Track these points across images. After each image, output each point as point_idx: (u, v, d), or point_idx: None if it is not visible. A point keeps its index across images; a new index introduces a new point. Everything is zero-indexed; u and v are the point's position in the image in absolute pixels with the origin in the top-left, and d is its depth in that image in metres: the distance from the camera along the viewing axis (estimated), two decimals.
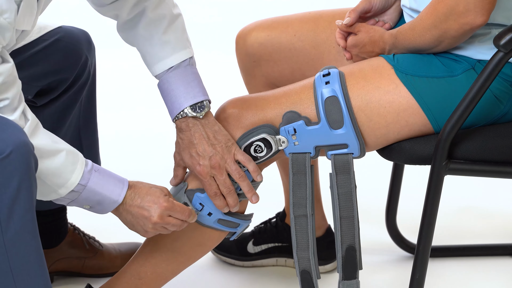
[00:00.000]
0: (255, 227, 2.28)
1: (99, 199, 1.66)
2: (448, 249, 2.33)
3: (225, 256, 2.27)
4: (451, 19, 1.68)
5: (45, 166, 1.58)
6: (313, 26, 1.99)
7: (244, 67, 2.07)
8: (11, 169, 1.47)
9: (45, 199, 1.64)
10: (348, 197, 1.75)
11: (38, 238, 1.54)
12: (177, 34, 1.79)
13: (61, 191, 1.62)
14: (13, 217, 1.48)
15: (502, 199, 2.66)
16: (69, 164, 1.62)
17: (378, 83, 1.75)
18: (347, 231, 1.75)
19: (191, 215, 1.71)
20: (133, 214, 1.69)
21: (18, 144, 1.48)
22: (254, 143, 1.74)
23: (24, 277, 1.51)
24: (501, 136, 1.76)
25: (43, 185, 1.60)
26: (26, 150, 1.49)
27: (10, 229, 1.48)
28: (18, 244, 1.49)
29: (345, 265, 1.77)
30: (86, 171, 1.64)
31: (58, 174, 1.60)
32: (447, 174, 1.75)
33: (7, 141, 1.47)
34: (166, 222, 1.69)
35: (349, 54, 1.87)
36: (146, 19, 1.78)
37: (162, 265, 1.81)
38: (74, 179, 1.62)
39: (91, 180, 1.65)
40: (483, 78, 1.68)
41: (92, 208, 1.68)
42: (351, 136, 1.73)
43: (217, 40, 4.02)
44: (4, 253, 1.48)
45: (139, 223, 1.70)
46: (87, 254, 2.17)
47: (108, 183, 1.67)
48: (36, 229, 1.53)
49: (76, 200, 1.65)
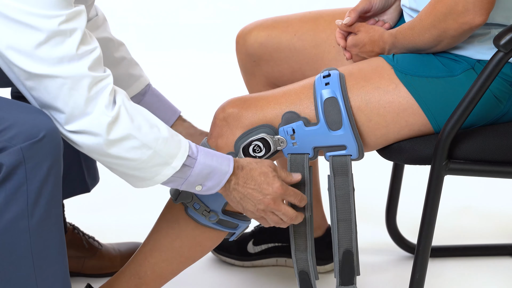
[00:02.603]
0: (255, 227, 2.28)
1: (209, 172, 1.63)
2: (448, 249, 2.33)
3: (225, 256, 2.27)
4: (450, 19, 1.68)
5: (156, 135, 1.57)
6: (313, 25, 1.99)
7: (244, 67, 2.07)
8: (42, 153, 1.48)
9: (162, 181, 1.61)
10: (346, 199, 1.74)
11: (62, 225, 1.55)
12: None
13: (175, 163, 1.59)
14: (40, 202, 1.49)
15: (502, 199, 2.66)
16: (174, 134, 1.61)
17: (378, 83, 1.74)
18: (344, 234, 1.75)
19: (303, 200, 1.71)
20: (244, 194, 1.67)
21: (50, 129, 1.49)
22: (252, 143, 1.73)
23: (43, 263, 1.52)
24: (501, 136, 1.76)
25: (159, 159, 1.58)
26: (57, 136, 1.50)
27: (36, 213, 1.49)
28: (41, 230, 1.50)
29: (342, 270, 1.76)
30: (193, 145, 1.63)
31: (169, 143, 1.58)
32: (447, 174, 1.75)
33: (40, 126, 1.49)
34: (278, 209, 1.68)
35: (349, 54, 1.87)
36: None
37: (162, 265, 1.81)
38: (184, 149, 1.61)
39: (200, 153, 1.63)
40: (483, 78, 1.68)
41: (204, 186, 1.65)
42: (349, 137, 1.72)
43: (217, 40, 4.02)
44: (27, 238, 1.49)
45: (248, 203, 1.68)
46: (86, 253, 2.17)
47: (215, 155, 1.65)
48: (61, 216, 1.54)
49: (188, 179, 1.63)
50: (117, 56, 1.94)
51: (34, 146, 1.47)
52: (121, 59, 1.95)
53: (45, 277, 1.53)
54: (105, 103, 1.52)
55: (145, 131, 1.56)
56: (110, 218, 2.49)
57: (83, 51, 1.50)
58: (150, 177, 1.60)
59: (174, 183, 1.63)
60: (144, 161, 1.57)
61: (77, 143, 1.54)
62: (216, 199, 1.76)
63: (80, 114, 1.51)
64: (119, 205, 2.58)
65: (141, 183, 1.62)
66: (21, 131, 1.48)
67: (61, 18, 1.47)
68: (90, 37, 1.53)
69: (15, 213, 1.49)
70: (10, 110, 1.51)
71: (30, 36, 1.46)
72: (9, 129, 1.48)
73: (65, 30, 1.48)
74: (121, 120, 1.53)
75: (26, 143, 1.47)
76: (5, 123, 1.48)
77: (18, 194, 1.48)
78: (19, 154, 1.47)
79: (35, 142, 1.47)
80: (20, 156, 1.47)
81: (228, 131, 1.76)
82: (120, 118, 1.53)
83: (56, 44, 1.47)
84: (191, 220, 1.78)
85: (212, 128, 1.78)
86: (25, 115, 1.50)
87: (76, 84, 1.49)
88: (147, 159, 1.57)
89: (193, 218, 1.77)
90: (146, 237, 1.83)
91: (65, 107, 1.51)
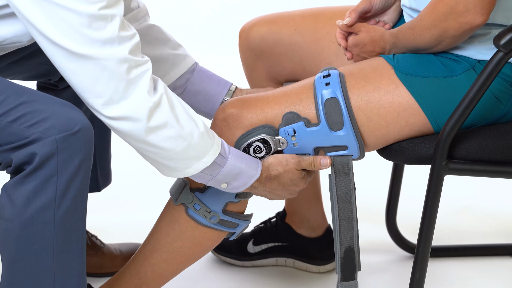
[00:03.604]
0: (255, 227, 2.28)
1: (237, 173, 1.66)
2: (448, 249, 2.33)
3: (225, 256, 2.27)
4: (451, 18, 1.68)
5: (194, 128, 1.59)
6: (313, 21, 2.00)
7: (246, 61, 2.08)
8: (76, 146, 1.51)
9: (191, 174, 1.64)
10: (347, 198, 1.74)
11: (85, 220, 1.57)
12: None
13: (207, 158, 1.62)
14: (68, 194, 1.51)
15: (502, 199, 2.66)
16: (210, 131, 1.63)
17: (378, 83, 1.74)
18: (346, 232, 1.75)
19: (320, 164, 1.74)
20: (271, 191, 1.72)
21: (84, 124, 1.52)
22: (253, 144, 1.73)
23: (63, 256, 1.54)
24: (501, 136, 1.76)
25: (193, 152, 1.60)
26: (90, 131, 1.53)
27: (63, 205, 1.51)
28: (66, 222, 1.52)
29: (344, 266, 1.76)
30: (226, 145, 1.66)
31: (204, 138, 1.60)
32: (447, 174, 1.75)
33: (75, 119, 1.52)
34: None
35: (350, 54, 1.87)
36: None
37: (162, 265, 1.81)
38: (216, 146, 1.63)
39: (231, 154, 1.66)
40: (483, 78, 1.68)
41: (229, 185, 1.68)
42: (350, 137, 1.73)
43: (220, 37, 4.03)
44: (52, 229, 1.51)
45: (274, 197, 1.74)
46: (89, 251, 2.17)
47: (245, 157, 1.68)
48: (85, 210, 1.56)
49: (217, 177, 1.65)
50: (162, 37, 1.96)
51: (68, 138, 1.50)
52: (166, 40, 1.96)
53: (63, 271, 1.55)
54: (147, 88, 1.53)
55: (183, 123, 1.57)
56: (111, 218, 2.49)
57: (123, 35, 1.51)
58: (181, 168, 1.62)
59: (202, 178, 1.66)
60: (177, 153, 1.58)
61: (116, 129, 1.56)
62: (217, 200, 1.76)
63: (120, 98, 1.52)
64: (121, 205, 2.58)
65: (171, 173, 1.64)
66: (57, 123, 1.50)
67: (102, 3, 1.48)
68: (128, 25, 1.55)
69: (43, 203, 1.51)
70: (47, 103, 1.54)
71: (73, 19, 1.48)
72: (46, 121, 1.51)
73: (105, 15, 1.49)
74: (162, 107, 1.55)
75: (61, 134, 1.50)
76: (42, 115, 1.51)
77: (48, 185, 1.50)
78: (53, 145, 1.49)
79: (69, 134, 1.50)
80: (54, 147, 1.50)
81: (228, 132, 1.76)
82: (162, 105, 1.55)
83: (98, 27, 1.49)
84: (192, 221, 1.78)
85: (212, 129, 1.77)
86: (61, 108, 1.53)
87: (118, 67, 1.50)
88: (180, 151, 1.58)
89: (194, 218, 1.77)
90: (146, 237, 1.83)
91: (105, 91, 1.52)
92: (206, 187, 1.76)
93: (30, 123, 1.51)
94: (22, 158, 1.51)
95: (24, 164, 1.51)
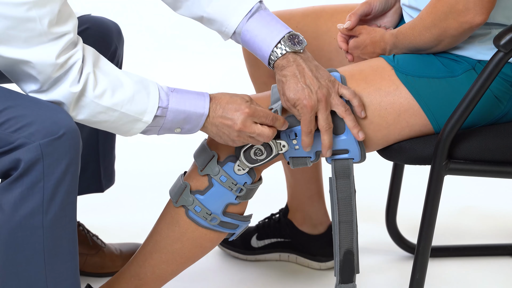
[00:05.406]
0: (260, 222, 2.30)
1: (185, 117, 1.65)
2: (448, 249, 2.33)
3: (229, 249, 2.29)
4: (451, 18, 1.68)
5: (120, 97, 1.59)
6: (314, 18, 2.00)
7: (249, 58, 2.09)
8: (61, 151, 1.50)
9: (137, 133, 1.65)
10: (348, 201, 1.74)
11: (75, 224, 1.56)
12: None
13: (146, 118, 1.62)
14: (56, 199, 1.51)
15: (502, 199, 2.66)
16: (142, 88, 1.63)
17: (379, 85, 1.74)
18: (346, 235, 1.75)
19: (276, 120, 1.68)
20: (217, 125, 1.67)
21: (70, 127, 1.52)
22: (254, 147, 1.73)
23: (54, 261, 1.53)
24: (501, 136, 1.76)
25: (127, 117, 1.61)
26: (76, 135, 1.52)
27: (51, 210, 1.51)
28: (55, 227, 1.51)
29: (343, 269, 1.76)
30: (163, 93, 1.64)
31: (135, 101, 1.60)
32: (447, 174, 1.75)
33: (60, 123, 1.51)
34: (251, 131, 1.66)
35: (351, 56, 1.87)
36: None
37: (162, 266, 1.81)
38: (153, 102, 1.62)
39: (171, 100, 1.64)
40: (483, 78, 1.68)
41: (183, 129, 1.67)
42: (352, 141, 1.72)
43: None
44: (41, 234, 1.51)
45: (224, 133, 1.67)
46: (89, 251, 2.17)
47: (189, 99, 1.66)
48: (75, 214, 1.55)
49: (164, 126, 1.65)
50: None
51: (53, 143, 1.49)
52: None
53: (55, 275, 1.54)
54: (71, 81, 1.55)
55: (106, 97, 1.58)
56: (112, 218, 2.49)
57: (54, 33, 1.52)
58: (125, 131, 1.64)
59: (151, 131, 1.66)
60: (113, 122, 1.61)
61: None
62: (217, 201, 1.76)
63: (48, 89, 1.56)
64: (122, 205, 2.58)
65: (123, 135, 1.67)
66: (41, 128, 1.50)
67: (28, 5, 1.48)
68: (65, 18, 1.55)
69: (30, 209, 1.50)
70: (31, 107, 1.53)
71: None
72: (29, 126, 1.50)
73: (34, 17, 1.49)
74: (86, 93, 1.57)
75: (46, 139, 1.49)
76: (26, 120, 1.50)
77: (35, 190, 1.50)
78: (37, 150, 1.49)
79: (54, 139, 1.49)
80: (38, 152, 1.49)
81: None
82: (87, 91, 1.57)
83: (25, 30, 1.49)
84: (192, 223, 1.77)
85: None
86: (46, 112, 1.53)
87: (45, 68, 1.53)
88: (116, 120, 1.61)
89: (194, 220, 1.77)
90: (146, 238, 1.83)
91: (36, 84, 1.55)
92: (206, 188, 1.76)
93: (14, 128, 1.50)
94: (8, 164, 1.50)
95: (11, 169, 1.51)
